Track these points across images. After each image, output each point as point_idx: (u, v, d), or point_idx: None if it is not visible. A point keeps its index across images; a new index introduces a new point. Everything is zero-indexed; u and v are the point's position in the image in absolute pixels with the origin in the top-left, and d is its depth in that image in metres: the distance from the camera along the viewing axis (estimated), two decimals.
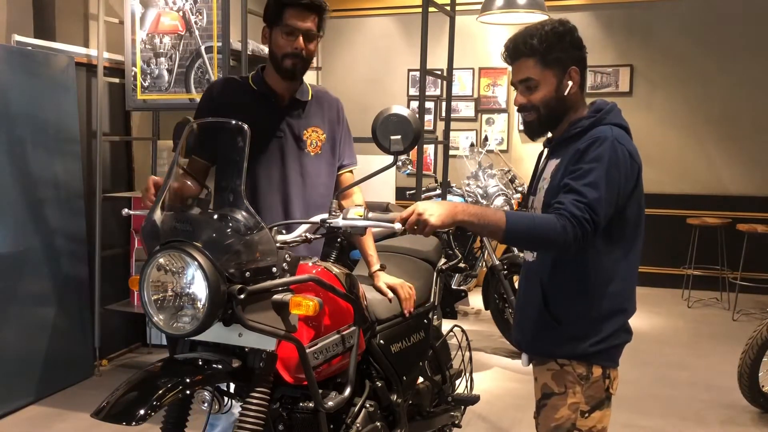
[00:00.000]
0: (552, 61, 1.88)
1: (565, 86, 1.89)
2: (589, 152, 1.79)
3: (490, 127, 7.43)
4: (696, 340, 5.30)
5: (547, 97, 1.90)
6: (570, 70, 1.89)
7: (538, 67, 1.89)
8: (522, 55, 1.90)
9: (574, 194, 1.75)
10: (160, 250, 1.64)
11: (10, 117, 3.70)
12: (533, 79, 1.89)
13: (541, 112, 1.91)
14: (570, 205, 1.73)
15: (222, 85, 2.48)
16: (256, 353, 1.74)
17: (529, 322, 1.96)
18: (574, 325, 1.88)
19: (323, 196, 2.41)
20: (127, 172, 4.78)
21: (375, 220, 1.88)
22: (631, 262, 1.92)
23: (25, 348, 3.79)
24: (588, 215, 1.72)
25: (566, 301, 1.88)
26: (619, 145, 1.80)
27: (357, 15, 7.62)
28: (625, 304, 1.92)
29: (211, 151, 2.24)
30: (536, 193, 1.98)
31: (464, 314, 5.86)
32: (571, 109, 1.92)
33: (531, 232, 1.74)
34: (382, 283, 2.41)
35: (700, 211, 6.65)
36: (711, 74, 6.83)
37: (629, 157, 1.82)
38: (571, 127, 1.91)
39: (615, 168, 1.78)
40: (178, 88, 4.21)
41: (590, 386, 1.88)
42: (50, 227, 3.95)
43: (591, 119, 1.88)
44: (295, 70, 2.30)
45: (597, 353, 1.87)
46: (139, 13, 4.25)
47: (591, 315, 1.87)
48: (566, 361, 1.89)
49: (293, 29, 2.25)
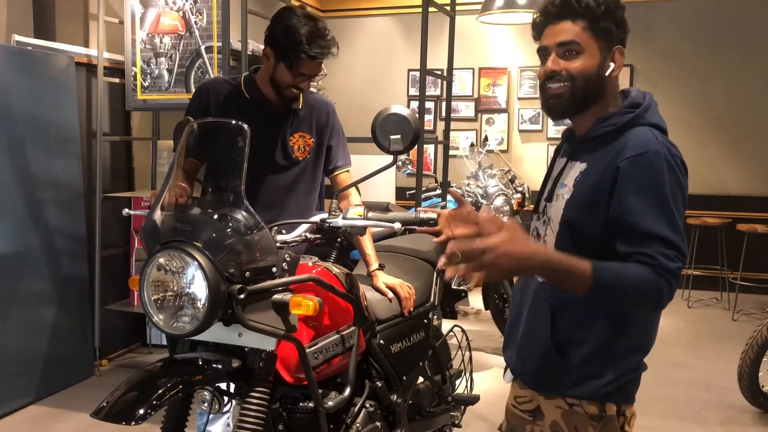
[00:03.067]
0: (603, 31, 1.60)
1: (608, 66, 1.61)
2: (638, 174, 1.51)
3: (490, 127, 7.43)
4: (696, 340, 5.30)
5: (588, 71, 1.59)
6: (616, 49, 1.62)
7: (586, 33, 1.59)
8: (571, 14, 1.59)
9: (656, 243, 1.47)
10: (160, 250, 1.64)
11: (10, 117, 3.71)
12: (578, 44, 1.58)
13: (577, 83, 1.59)
14: (661, 259, 1.46)
15: (213, 87, 2.46)
16: (256, 353, 1.74)
17: (532, 351, 1.69)
18: (587, 362, 1.61)
19: (308, 200, 2.44)
20: (127, 172, 4.78)
21: (375, 220, 1.88)
22: None
23: (25, 348, 3.79)
24: (680, 263, 1.48)
25: (580, 335, 1.61)
26: (672, 157, 1.54)
27: (357, 15, 7.63)
28: (647, 339, 1.66)
29: (204, 154, 2.21)
30: (552, 200, 1.68)
31: (464, 314, 5.86)
32: (605, 95, 1.63)
33: (623, 287, 1.46)
34: (381, 282, 2.41)
35: (700, 211, 6.65)
36: (711, 74, 6.84)
37: (682, 166, 1.57)
38: (600, 123, 1.61)
39: (677, 188, 1.53)
40: (178, 88, 4.21)
41: (603, 426, 1.63)
42: (50, 227, 3.95)
43: (627, 116, 1.59)
44: (294, 100, 2.36)
45: (610, 393, 1.62)
46: (139, 13, 4.25)
47: (608, 353, 1.61)
48: (576, 401, 1.63)
49: (303, 74, 2.29)
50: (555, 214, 1.64)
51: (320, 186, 2.63)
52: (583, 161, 1.62)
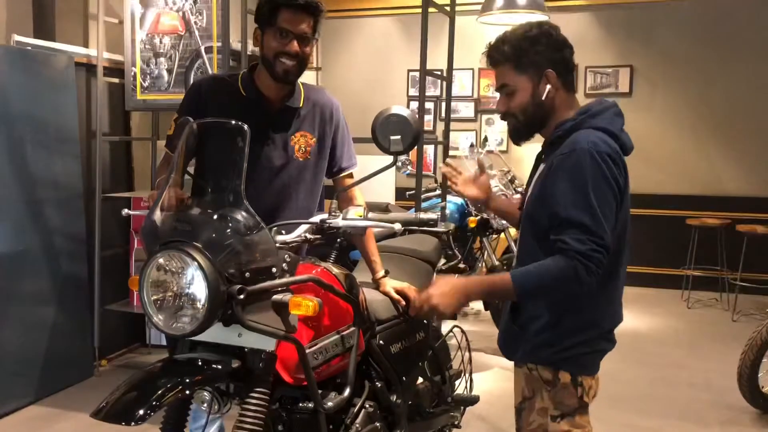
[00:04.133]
0: (525, 65, 1.84)
1: (542, 90, 1.84)
2: (565, 168, 1.72)
3: (490, 127, 7.43)
4: (696, 341, 5.30)
5: (524, 103, 1.86)
6: (545, 73, 1.83)
7: (512, 73, 1.86)
8: (498, 62, 1.88)
9: (571, 228, 1.68)
10: (159, 251, 1.64)
11: (10, 117, 3.70)
12: (509, 86, 1.87)
13: (519, 118, 1.88)
14: (572, 242, 1.66)
15: (210, 84, 2.39)
16: (256, 353, 1.74)
17: (505, 327, 2.00)
18: (542, 333, 1.85)
19: (309, 201, 2.37)
20: (127, 172, 4.78)
21: (375, 221, 1.88)
22: (617, 273, 1.84)
23: (24, 348, 3.79)
24: (593, 244, 1.66)
25: (537, 311, 1.86)
26: (597, 153, 1.71)
27: (356, 15, 7.62)
28: (600, 318, 1.85)
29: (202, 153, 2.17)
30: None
31: (464, 315, 5.85)
32: (555, 112, 1.86)
33: (544, 284, 1.71)
34: (390, 288, 2.40)
35: (699, 212, 6.65)
36: (711, 75, 6.84)
37: (611, 163, 1.73)
38: (555, 130, 1.86)
39: (601, 180, 1.70)
40: (178, 88, 4.20)
41: (558, 392, 1.85)
42: (50, 227, 3.95)
43: (572, 122, 1.83)
44: (289, 75, 2.21)
45: (564, 360, 1.84)
46: (139, 13, 4.25)
47: (560, 326, 1.83)
48: (534, 366, 1.88)
49: (287, 32, 2.16)
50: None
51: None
52: (545, 162, 1.87)
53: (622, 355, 4.94)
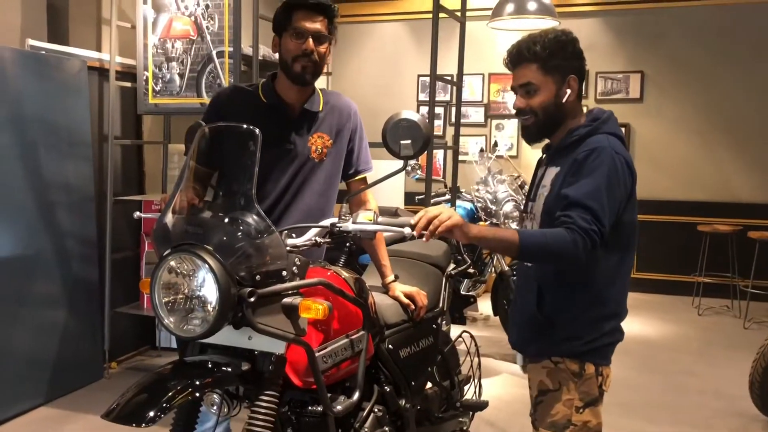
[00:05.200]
0: (553, 68, 1.94)
1: (564, 94, 1.96)
2: (588, 163, 1.86)
3: (500, 132, 7.43)
4: (706, 348, 5.27)
5: (546, 103, 1.96)
6: (569, 78, 1.96)
7: (539, 73, 1.95)
8: (524, 61, 1.96)
9: (578, 207, 1.81)
10: (171, 253, 1.65)
11: (24, 120, 3.74)
12: (533, 84, 1.96)
13: (539, 116, 1.97)
14: (578, 219, 1.79)
15: (229, 94, 2.43)
16: (266, 356, 1.75)
17: (524, 323, 2.04)
18: (567, 327, 1.95)
19: (322, 203, 2.38)
20: (138, 175, 4.81)
21: (384, 225, 1.89)
22: (626, 267, 1.99)
23: (35, 350, 3.81)
24: (595, 226, 1.79)
25: (561, 305, 1.95)
26: (617, 155, 1.87)
27: (367, 21, 7.64)
28: (619, 308, 1.99)
29: (218, 160, 2.18)
30: (536, 200, 2.04)
31: (473, 320, 5.84)
32: (568, 117, 1.99)
33: (544, 247, 1.81)
34: (399, 292, 2.41)
35: (710, 218, 6.61)
36: (722, 81, 6.81)
37: (627, 167, 1.89)
38: (568, 135, 1.97)
39: (615, 178, 1.85)
40: (190, 93, 4.23)
41: (584, 383, 1.95)
42: (61, 230, 3.98)
43: (588, 128, 1.94)
44: (305, 74, 2.25)
45: (589, 351, 1.95)
46: (152, 17, 4.28)
47: (585, 318, 1.94)
48: (560, 359, 1.96)
49: (302, 31, 2.21)
50: (537, 210, 2.00)
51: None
52: (557, 165, 1.98)
53: (632, 361, 4.95)
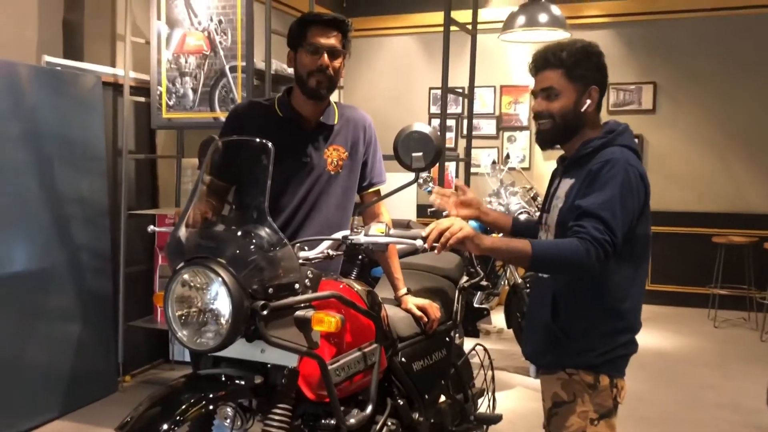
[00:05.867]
0: (576, 76, 1.96)
1: (583, 103, 1.98)
2: (602, 174, 1.87)
3: (512, 144, 7.42)
4: (723, 361, 5.20)
5: (565, 109, 1.98)
6: (591, 89, 1.98)
7: (562, 79, 1.97)
8: (549, 66, 1.99)
9: (591, 217, 1.82)
10: (184, 267, 1.65)
11: (39, 135, 3.78)
12: (555, 89, 1.98)
13: (556, 121, 1.99)
14: (591, 229, 1.79)
15: (246, 109, 2.45)
16: (279, 369, 1.75)
17: (539, 335, 2.03)
18: (582, 338, 1.95)
19: (338, 215, 2.38)
20: (152, 189, 4.84)
21: (396, 237, 1.89)
22: (640, 280, 1.98)
23: (50, 363, 3.83)
24: (608, 237, 1.79)
25: (576, 316, 1.95)
26: (630, 167, 1.88)
27: (379, 35, 7.68)
28: (633, 321, 1.99)
29: (232, 174, 2.21)
30: (550, 211, 2.05)
31: (486, 333, 5.81)
32: (585, 127, 2.00)
33: (556, 257, 1.82)
34: (412, 305, 2.41)
35: (726, 230, 6.55)
36: (735, 91, 6.77)
37: (640, 179, 1.90)
38: (583, 146, 1.99)
39: (628, 190, 1.86)
40: (203, 107, 4.26)
41: (598, 394, 1.94)
42: (76, 244, 4.01)
43: (603, 140, 1.96)
44: (320, 89, 2.27)
45: (604, 363, 1.95)
46: (165, 33, 4.32)
47: (600, 330, 1.94)
48: (574, 371, 1.96)
49: (317, 47, 2.24)
50: (552, 221, 2.01)
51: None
52: (572, 177, 1.99)
53: (648, 375, 4.90)
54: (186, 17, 4.25)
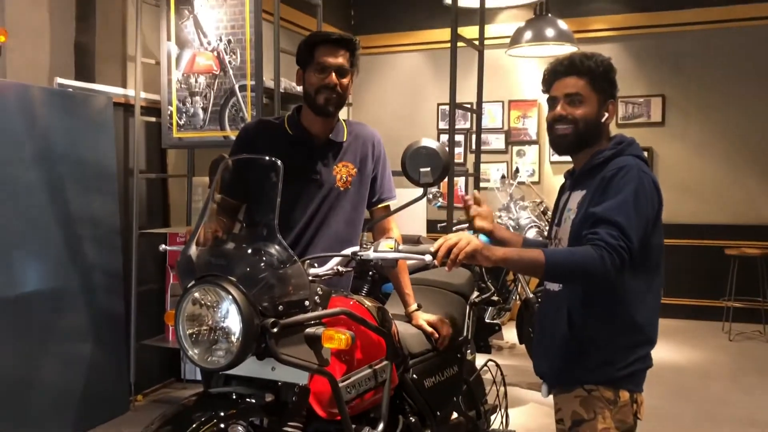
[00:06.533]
0: (599, 87, 1.99)
1: (602, 115, 2.00)
2: (616, 180, 1.86)
3: (521, 158, 7.42)
4: (739, 375, 5.14)
5: (589, 117, 1.98)
6: (609, 102, 2.01)
7: (587, 88, 1.98)
8: (575, 72, 1.99)
9: (606, 224, 1.80)
10: (195, 285, 1.66)
11: (52, 156, 3.82)
12: (581, 95, 1.98)
13: (579, 126, 1.98)
14: (605, 235, 1.77)
15: (256, 128, 2.48)
16: (289, 387, 1.74)
17: (554, 351, 1.98)
18: (602, 351, 1.91)
19: (348, 231, 2.39)
20: (163, 208, 4.86)
21: (406, 252, 1.89)
22: (655, 290, 1.96)
23: (62, 383, 3.84)
24: (623, 242, 1.77)
25: (593, 330, 1.92)
26: (644, 173, 1.88)
27: (387, 52, 7.72)
28: (651, 334, 1.96)
29: (242, 191, 2.25)
30: (561, 224, 2.03)
31: (498, 348, 5.78)
32: (600, 137, 2.02)
33: (570, 265, 1.80)
34: (423, 321, 2.41)
35: (738, 242, 6.50)
36: (744, 102, 6.75)
37: (654, 188, 1.89)
38: (593, 157, 1.99)
39: (643, 195, 1.85)
40: (213, 126, 4.29)
41: (619, 410, 1.91)
42: (88, 263, 4.03)
43: (613, 150, 1.97)
44: (328, 106, 2.30)
45: (624, 378, 1.91)
46: (175, 54, 4.37)
47: (618, 344, 1.91)
48: (594, 387, 1.92)
49: (325, 66, 2.28)
50: (564, 234, 1.98)
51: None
52: (583, 188, 1.98)
53: (663, 390, 4.84)
54: (195, 38, 4.30)
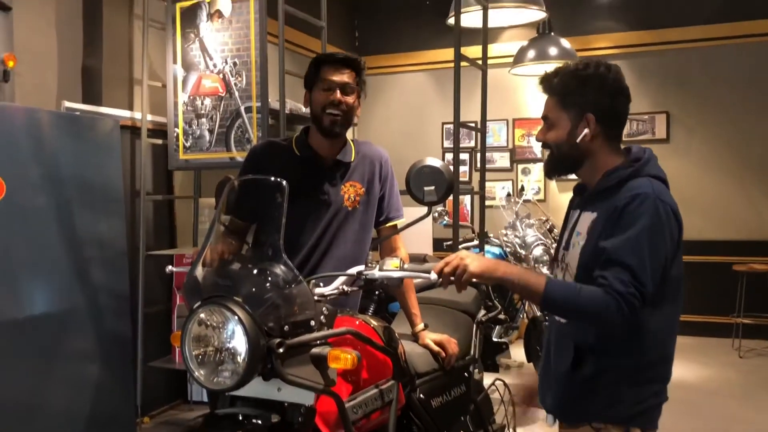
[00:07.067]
0: (569, 104, 1.81)
1: (578, 133, 1.79)
2: (629, 211, 1.69)
3: (527, 176, 7.42)
4: (750, 392, 5.09)
5: (559, 140, 1.83)
6: (586, 116, 1.78)
7: (556, 107, 1.83)
8: (547, 90, 1.86)
9: (616, 267, 1.64)
10: (200, 306, 1.66)
11: (59, 179, 3.84)
12: (549, 118, 1.85)
13: (554, 151, 1.86)
14: (615, 281, 1.63)
15: (264, 149, 2.50)
16: (295, 408, 1.74)
17: (560, 386, 1.84)
18: (610, 388, 1.76)
19: (356, 250, 2.40)
20: (170, 230, 4.88)
21: (411, 271, 1.88)
22: (670, 324, 1.80)
23: (68, 405, 3.82)
24: (634, 289, 1.62)
25: (602, 366, 1.76)
26: (661, 202, 1.70)
27: (391, 72, 7.78)
28: (665, 370, 1.81)
29: (249, 211, 2.26)
30: (569, 248, 1.86)
31: (506, 367, 5.74)
32: (592, 157, 1.83)
33: (572, 304, 1.67)
34: (429, 340, 2.40)
35: (746, 257, 6.46)
36: (749, 117, 6.75)
37: (673, 217, 1.72)
38: (606, 177, 1.80)
39: (659, 231, 1.68)
40: (219, 148, 4.32)
41: None
42: (95, 285, 4.03)
43: (628, 170, 1.78)
44: (334, 127, 2.32)
45: (635, 416, 1.76)
46: (182, 76, 4.41)
47: (629, 380, 1.76)
48: (602, 425, 1.77)
49: (330, 83, 2.31)
50: (572, 260, 1.81)
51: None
52: (594, 210, 1.80)
53: (672, 408, 4.74)
54: (201, 60, 4.34)
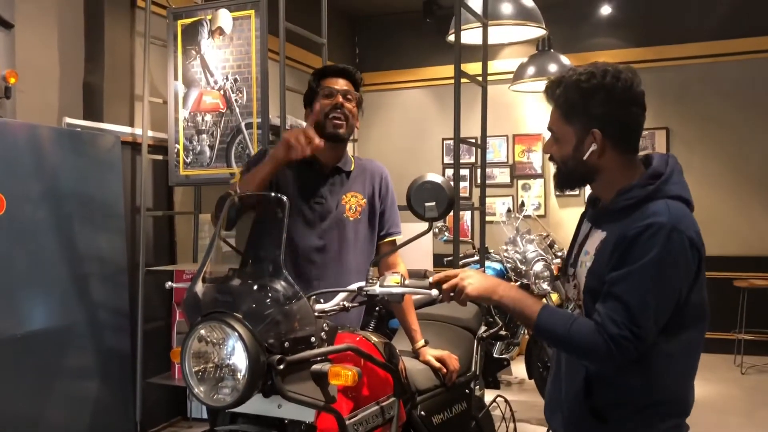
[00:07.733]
0: (573, 117, 1.64)
1: (585, 149, 1.63)
2: (639, 244, 1.53)
3: (527, 192, 7.43)
4: (754, 409, 5.06)
5: (565, 156, 1.68)
6: (592, 132, 1.62)
7: (560, 120, 1.68)
8: (551, 101, 1.70)
9: (614, 303, 1.53)
10: (201, 322, 1.66)
11: (60, 195, 3.85)
12: (554, 131, 1.70)
13: (560, 168, 1.71)
14: (608, 322, 1.52)
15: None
16: (296, 425, 1.73)
17: (570, 411, 1.71)
18: (624, 422, 1.63)
19: (360, 262, 2.42)
20: (170, 245, 4.88)
21: (412, 287, 1.88)
22: (689, 354, 1.67)
23: (68, 421, 3.80)
24: (628, 332, 1.50)
25: (615, 396, 1.63)
26: (676, 232, 1.53)
27: (391, 88, 7.82)
28: (685, 403, 1.67)
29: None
30: (577, 266, 1.74)
31: (507, 384, 5.71)
32: (602, 173, 1.67)
33: (562, 337, 1.58)
34: (430, 357, 2.40)
35: (747, 273, 6.45)
36: (750, 134, 6.77)
37: (689, 247, 1.55)
38: (619, 197, 1.64)
39: (671, 264, 1.53)
40: (220, 163, 4.33)
41: None
42: (94, 301, 4.03)
43: (646, 189, 1.61)
44: (338, 129, 2.38)
45: None
46: (182, 93, 4.42)
47: (645, 414, 1.62)
48: None
49: (331, 90, 2.39)
50: (580, 280, 1.71)
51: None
52: (604, 230, 1.67)
53: None
54: (202, 77, 4.36)
